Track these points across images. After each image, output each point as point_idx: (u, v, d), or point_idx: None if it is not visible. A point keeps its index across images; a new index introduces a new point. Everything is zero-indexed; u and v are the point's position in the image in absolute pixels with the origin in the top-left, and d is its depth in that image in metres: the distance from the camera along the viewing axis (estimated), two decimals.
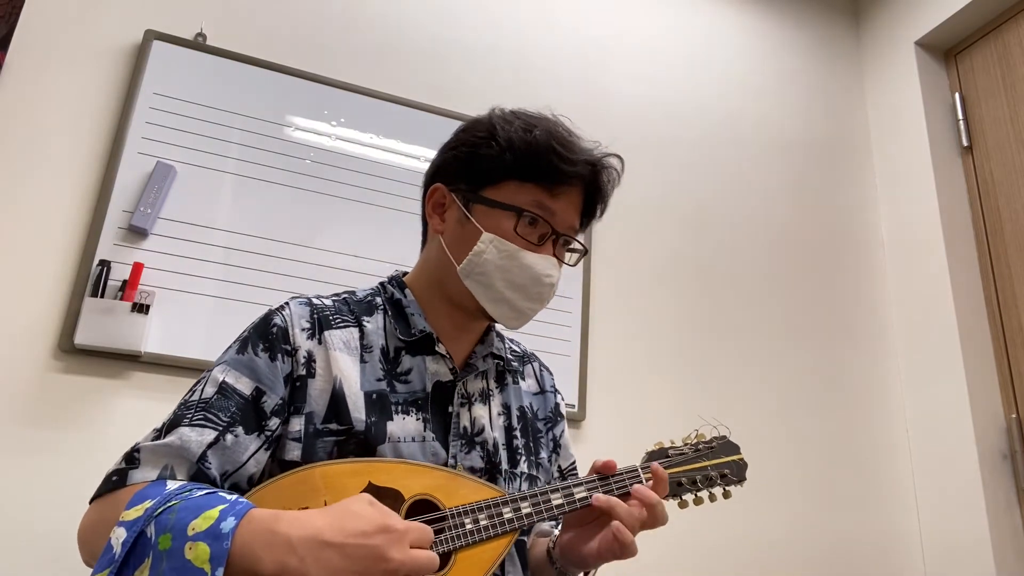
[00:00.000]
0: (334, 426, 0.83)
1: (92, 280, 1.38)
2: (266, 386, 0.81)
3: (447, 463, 0.86)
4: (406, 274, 1.01)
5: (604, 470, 0.90)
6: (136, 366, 1.40)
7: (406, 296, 0.95)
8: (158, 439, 0.76)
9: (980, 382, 1.93)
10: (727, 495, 0.98)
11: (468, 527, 0.79)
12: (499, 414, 0.96)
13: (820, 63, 2.42)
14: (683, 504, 0.95)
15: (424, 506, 0.79)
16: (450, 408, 0.90)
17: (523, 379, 1.04)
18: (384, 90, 1.77)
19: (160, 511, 0.65)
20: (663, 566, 1.68)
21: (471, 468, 0.88)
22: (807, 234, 2.19)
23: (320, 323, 0.88)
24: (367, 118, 1.73)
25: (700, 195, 2.09)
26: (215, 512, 0.64)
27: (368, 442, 0.82)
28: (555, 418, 1.07)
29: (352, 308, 0.93)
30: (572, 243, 0.96)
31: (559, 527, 0.95)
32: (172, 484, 0.70)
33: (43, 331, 1.36)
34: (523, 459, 0.95)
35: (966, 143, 2.16)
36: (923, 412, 2.03)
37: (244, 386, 0.81)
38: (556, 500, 0.85)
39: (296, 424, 0.82)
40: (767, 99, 2.29)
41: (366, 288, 0.99)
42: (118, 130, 1.49)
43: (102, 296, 1.37)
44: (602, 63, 2.09)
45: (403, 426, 0.85)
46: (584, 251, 0.98)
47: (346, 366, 0.86)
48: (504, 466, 0.92)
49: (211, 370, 0.83)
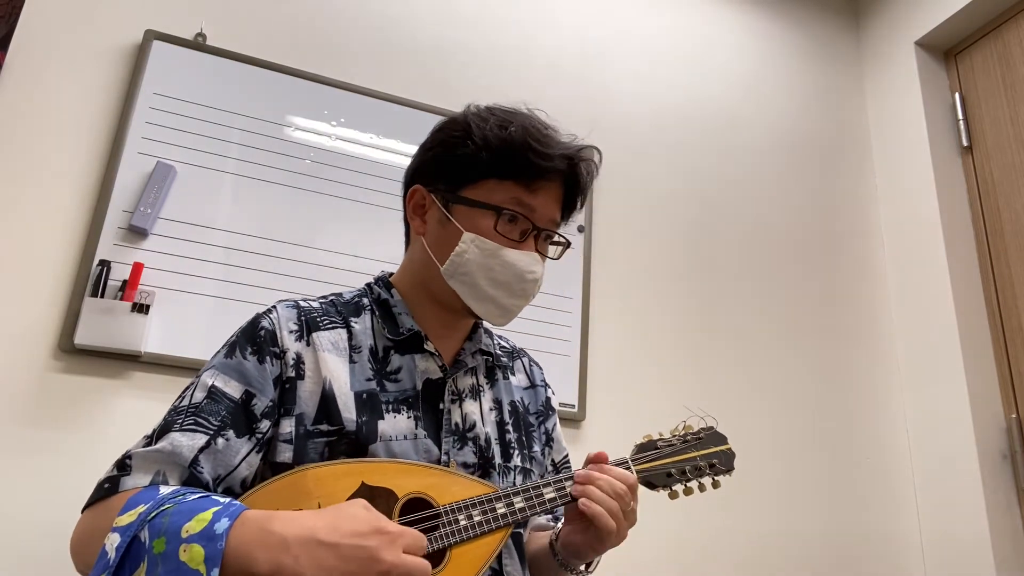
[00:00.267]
0: (325, 427, 0.83)
1: (92, 280, 1.39)
2: (255, 389, 0.82)
3: (440, 460, 0.87)
4: (392, 274, 1.01)
5: (596, 462, 0.91)
6: (136, 366, 1.40)
7: (393, 296, 0.96)
8: (149, 445, 0.76)
9: (980, 382, 1.93)
10: (716, 485, 0.99)
11: (462, 524, 0.79)
12: (491, 409, 0.97)
13: (820, 63, 2.42)
14: (673, 495, 0.96)
15: (418, 504, 0.79)
16: (441, 405, 0.91)
17: (513, 374, 1.05)
18: (384, 90, 1.78)
19: (154, 515, 0.65)
20: (663, 566, 1.68)
21: (464, 464, 0.89)
22: (807, 234, 2.19)
23: (308, 325, 0.88)
24: (367, 118, 1.73)
25: (700, 195, 2.09)
26: (208, 514, 0.65)
27: (359, 442, 0.83)
28: (547, 412, 1.07)
29: (339, 309, 0.93)
30: (554, 236, 0.96)
31: (560, 521, 0.96)
32: (165, 489, 0.71)
33: (43, 331, 1.36)
34: (516, 453, 0.96)
35: (966, 143, 2.16)
36: (923, 412, 2.02)
37: (233, 389, 0.81)
38: (548, 494, 0.86)
39: (287, 426, 0.82)
40: (767, 99, 2.29)
41: (353, 290, 0.99)
42: (118, 130, 1.50)
43: (102, 296, 1.38)
44: (603, 63, 2.09)
45: (394, 424, 0.85)
46: (567, 244, 0.98)
47: (335, 367, 0.86)
48: (497, 460, 0.92)
49: (200, 375, 0.83)
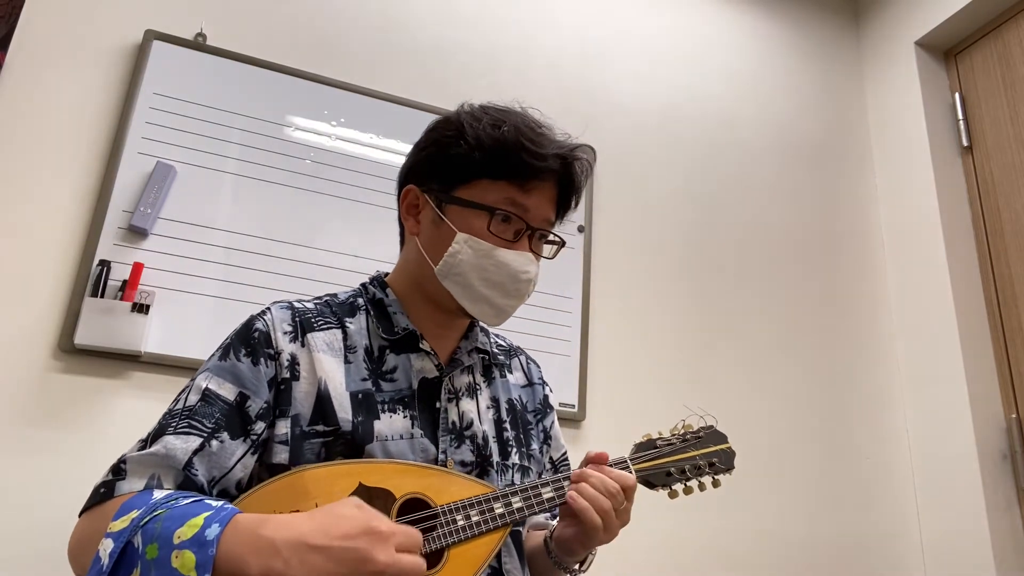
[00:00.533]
0: (321, 427, 0.83)
1: (92, 280, 1.39)
2: (250, 391, 0.82)
3: (437, 459, 0.87)
4: (387, 274, 1.01)
5: (596, 461, 0.91)
6: (136, 366, 1.40)
7: (388, 296, 0.96)
8: (143, 449, 0.76)
9: (980, 382, 1.93)
10: (716, 484, 0.98)
11: (460, 524, 0.79)
12: (488, 407, 0.96)
13: (820, 63, 2.42)
14: (673, 494, 0.96)
15: (416, 504, 0.79)
16: (438, 404, 0.91)
17: (510, 372, 1.05)
18: (384, 90, 1.77)
19: (146, 520, 0.65)
20: (663, 566, 1.68)
21: (462, 462, 0.89)
22: (807, 234, 2.18)
23: (302, 326, 0.88)
24: (367, 118, 1.73)
25: (700, 195, 2.09)
26: (200, 520, 0.65)
27: (356, 442, 0.83)
28: (544, 410, 1.07)
29: (334, 310, 0.93)
30: (549, 236, 0.95)
31: (556, 519, 0.96)
32: (158, 493, 0.71)
33: (43, 331, 1.36)
34: (514, 451, 0.96)
35: (966, 143, 2.16)
36: (923, 412, 2.02)
37: (227, 392, 0.81)
38: (547, 494, 0.87)
39: (283, 427, 0.82)
40: (767, 99, 2.29)
41: (347, 290, 0.99)
42: (118, 130, 1.50)
43: (102, 296, 1.38)
44: (603, 63, 2.09)
45: (390, 424, 0.85)
46: (561, 243, 0.97)
47: (330, 367, 0.86)
48: (495, 458, 0.92)
49: (195, 379, 0.83)
